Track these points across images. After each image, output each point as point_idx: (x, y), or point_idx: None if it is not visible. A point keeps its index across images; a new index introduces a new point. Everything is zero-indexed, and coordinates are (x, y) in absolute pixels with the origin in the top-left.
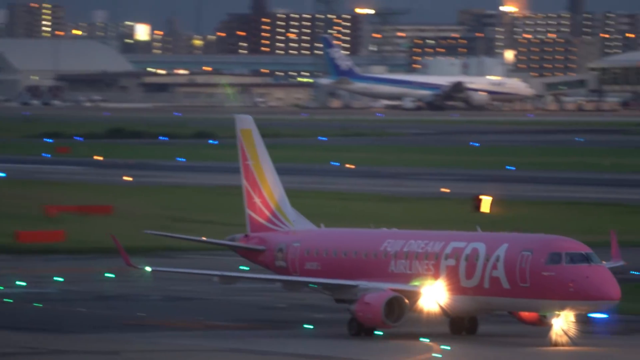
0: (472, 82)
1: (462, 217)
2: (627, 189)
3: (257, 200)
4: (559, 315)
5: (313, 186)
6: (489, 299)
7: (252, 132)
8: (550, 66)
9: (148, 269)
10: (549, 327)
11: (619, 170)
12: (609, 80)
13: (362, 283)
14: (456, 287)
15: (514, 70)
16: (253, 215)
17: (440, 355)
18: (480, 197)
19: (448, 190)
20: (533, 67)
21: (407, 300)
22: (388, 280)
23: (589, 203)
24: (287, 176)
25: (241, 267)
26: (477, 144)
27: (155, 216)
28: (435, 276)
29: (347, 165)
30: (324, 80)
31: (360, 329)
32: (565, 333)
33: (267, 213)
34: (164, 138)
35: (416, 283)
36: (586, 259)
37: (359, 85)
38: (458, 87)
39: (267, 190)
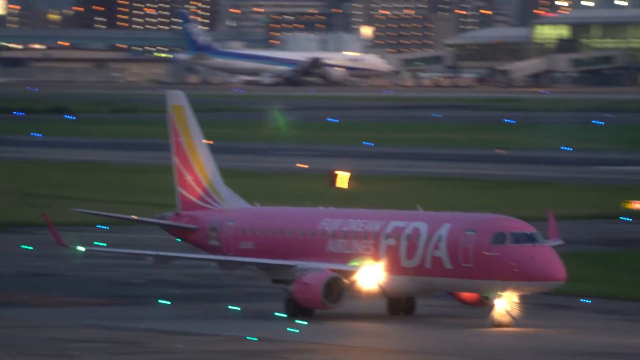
0: (330, 58)
1: (319, 192)
2: (482, 164)
3: (189, 178)
4: (501, 295)
5: (169, 162)
6: (430, 279)
7: (184, 109)
8: (408, 42)
9: (81, 248)
10: (489, 307)
11: (474, 146)
12: (465, 56)
13: (299, 263)
14: (396, 267)
15: (371, 46)
16: (184, 193)
17: (297, 331)
18: (336, 172)
19: (306, 166)
20: (390, 43)
21: (346, 281)
22: (326, 260)
23: (446, 178)
24: (144, 152)
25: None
26: (334, 120)
27: (10, 191)
28: (375, 256)
29: (205, 141)
30: (182, 56)
31: (297, 310)
32: (508, 313)
33: (199, 191)
34: (19, 113)
35: (355, 263)
36: (531, 239)
37: (217, 60)
38: (316, 63)
39: (199, 167)
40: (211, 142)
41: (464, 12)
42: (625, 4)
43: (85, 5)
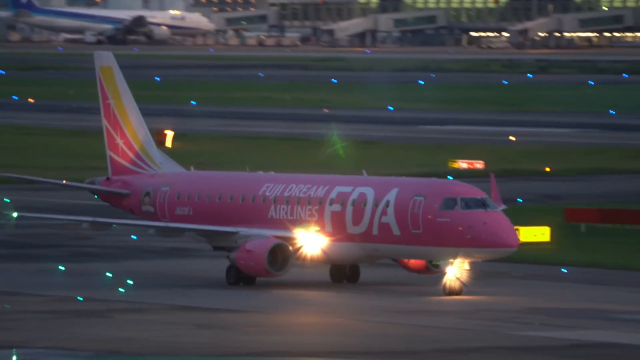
0: (154, 16)
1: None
2: (306, 123)
3: (120, 142)
4: (452, 262)
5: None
6: (377, 245)
7: (112, 70)
8: (231, 1)
9: (14, 214)
10: (435, 274)
11: (299, 105)
12: (289, 15)
13: (242, 230)
14: (342, 234)
15: (195, 5)
16: (115, 157)
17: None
18: (165, 131)
19: None
20: (214, 2)
21: (291, 248)
22: (268, 226)
23: (272, 137)
24: None
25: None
26: (159, 79)
27: None
28: (320, 222)
29: (28, 100)
30: (2, 13)
31: (240, 278)
32: (459, 281)
33: (131, 155)
34: None
35: (299, 229)
36: (482, 204)
37: (39, 18)
38: (139, 21)
39: (130, 130)
40: (32, 101)
41: None
42: None
43: None
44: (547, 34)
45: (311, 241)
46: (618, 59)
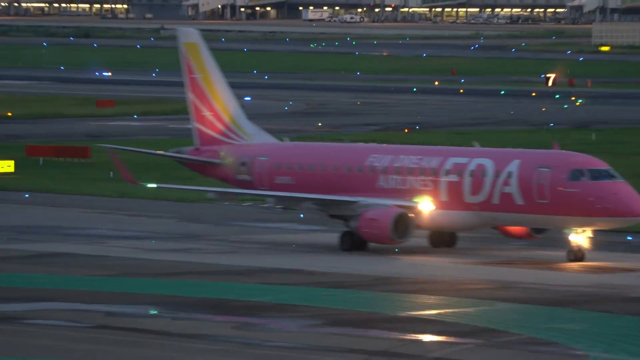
0: None
1: None
2: None
3: (208, 114)
4: (577, 231)
5: None
6: (497, 214)
7: (198, 46)
8: None
9: (152, 185)
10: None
11: None
12: None
13: (362, 199)
14: (460, 203)
15: None
16: (202, 128)
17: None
18: None
19: None
20: None
21: (412, 216)
22: (376, 195)
23: None
24: None
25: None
26: None
27: None
28: (435, 192)
29: None
30: None
31: (353, 244)
32: (582, 249)
33: (220, 126)
34: None
35: (416, 199)
36: (609, 175)
37: None
38: None
39: (218, 103)
40: None
41: None
42: None
43: None
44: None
45: (429, 210)
46: (65, 25)
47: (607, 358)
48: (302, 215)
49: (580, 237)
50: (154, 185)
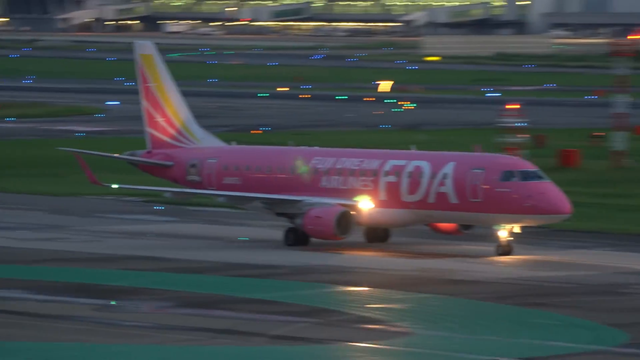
0: None
1: None
2: None
3: (160, 120)
4: (506, 228)
5: None
6: (432, 212)
7: (153, 57)
8: None
9: (115, 185)
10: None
11: None
12: None
13: (307, 198)
14: (397, 202)
15: None
16: (155, 133)
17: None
18: None
19: None
20: None
21: (354, 214)
22: (320, 195)
23: None
24: None
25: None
26: None
27: None
28: (375, 192)
29: None
30: None
31: (297, 239)
32: (510, 244)
33: (172, 131)
34: None
35: (356, 198)
36: (537, 176)
37: None
38: None
39: (171, 110)
40: None
41: None
42: None
43: None
44: None
45: (369, 208)
46: None
47: (430, 335)
48: (156, 207)
49: (509, 232)
50: (117, 186)
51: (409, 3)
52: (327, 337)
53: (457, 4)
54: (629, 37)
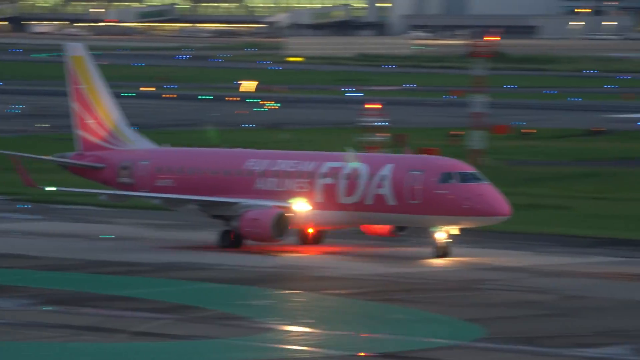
0: None
1: None
2: None
3: (91, 122)
4: (442, 230)
5: None
6: (370, 214)
7: (83, 59)
8: None
9: (52, 188)
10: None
11: None
12: None
13: (243, 200)
14: (334, 203)
15: None
16: (85, 135)
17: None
18: None
19: None
20: None
21: (290, 216)
22: (255, 197)
23: None
24: None
25: None
26: None
27: None
28: (311, 194)
29: None
30: None
31: (232, 241)
32: (447, 246)
33: (103, 133)
34: None
35: (292, 200)
36: (475, 177)
37: None
38: None
39: (102, 111)
40: None
41: None
42: None
43: None
44: None
45: (306, 210)
46: None
47: (290, 330)
48: (20, 206)
49: (446, 234)
50: (54, 188)
51: (272, 5)
52: (189, 334)
53: (319, 5)
54: (485, 38)
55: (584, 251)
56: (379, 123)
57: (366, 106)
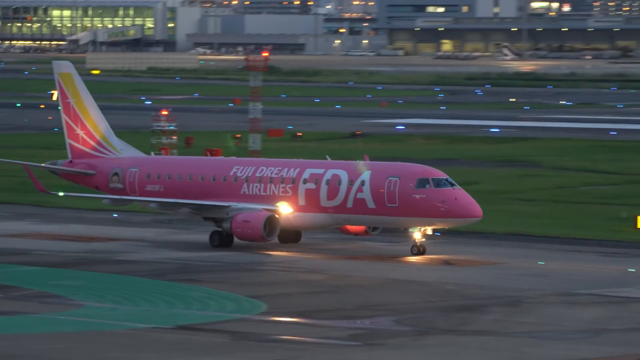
0: None
1: None
2: None
3: (80, 132)
4: (420, 230)
5: None
6: (350, 216)
7: (72, 75)
8: None
9: (61, 194)
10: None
11: None
12: None
13: (234, 204)
14: (317, 207)
15: None
16: (75, 144)
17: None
18: None
19: None
20: None
21: (279, 218)
22: (242, 201)
23: None
24: None
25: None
26: None
27: None
28: (294, 198)
29: None
30: None
31: (222, 241)
32: (423, 244)
33: (92, 142)
34: None
35: (278, 203)
36: (450, 183)
37: None
38: None
39: (90, 123)
40: None
41: None
42: None
43: None
44: None
45: (290, 212)
46: None
47: (99, 306)
48: None
49: (420, 235)
50: (62, 194)
51: (77, 24)
52: (10, 310)
53: (117, 25)
54: (262, 54)
55: (347, 237)
56: (169, 127)
57: (161, 112)
